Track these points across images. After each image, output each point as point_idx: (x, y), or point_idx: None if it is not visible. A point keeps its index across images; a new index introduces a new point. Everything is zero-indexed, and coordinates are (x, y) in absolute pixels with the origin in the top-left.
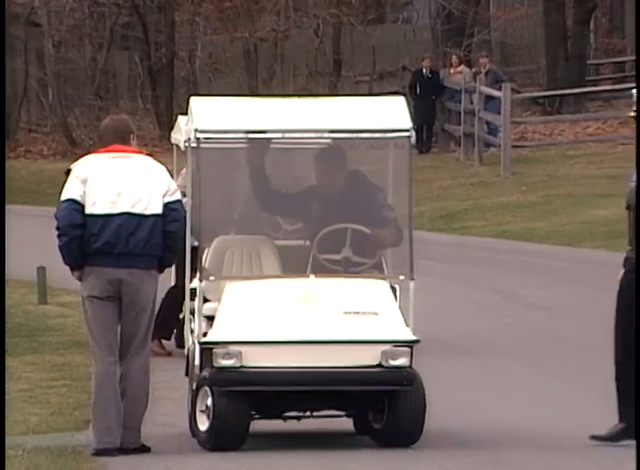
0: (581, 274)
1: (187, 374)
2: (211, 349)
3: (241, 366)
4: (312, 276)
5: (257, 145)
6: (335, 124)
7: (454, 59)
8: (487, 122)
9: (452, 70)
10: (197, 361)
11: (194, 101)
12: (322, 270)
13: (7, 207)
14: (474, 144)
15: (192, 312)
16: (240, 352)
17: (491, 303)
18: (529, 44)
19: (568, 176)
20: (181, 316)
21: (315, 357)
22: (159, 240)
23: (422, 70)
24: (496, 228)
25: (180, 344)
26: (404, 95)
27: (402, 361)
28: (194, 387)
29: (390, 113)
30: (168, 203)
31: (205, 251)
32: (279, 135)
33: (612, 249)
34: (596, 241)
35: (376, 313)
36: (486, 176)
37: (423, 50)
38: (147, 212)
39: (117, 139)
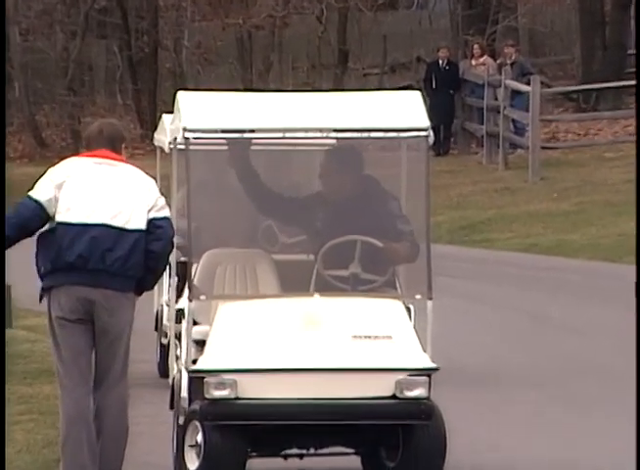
0: (620, 294)
1: (172, 407)
2: (202, 378)
3: (236, 398)
4: (317, 295)
5: (245, 144)
6: (342, 123)
7: (476, 48)
8: (514, 121)
9: (473, 62)
10: (184, 392)
11: (181, 96)
12: (327, 288)
13: None
14: (498, 145)
15: (178, 337)
16: (235, 382)
17: (517, 326)
18: (562, 32)
19: (605, 182)
20: (164, 341)
21: (320, 388)
22: (139, 259)
23: (438, 61)
24: (523, 241)
25: (164, 372)
26: (419, 90)
27: (419, 392)
28: (181, 421)
29: (405, 110)
30: (154, 219)
31: (194, 266)
32: (279, 135)
33: None
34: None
35: (389, 337)
36: (512, 182)
37: (440, 39)
38: (128, 227)
39: (107, 146)
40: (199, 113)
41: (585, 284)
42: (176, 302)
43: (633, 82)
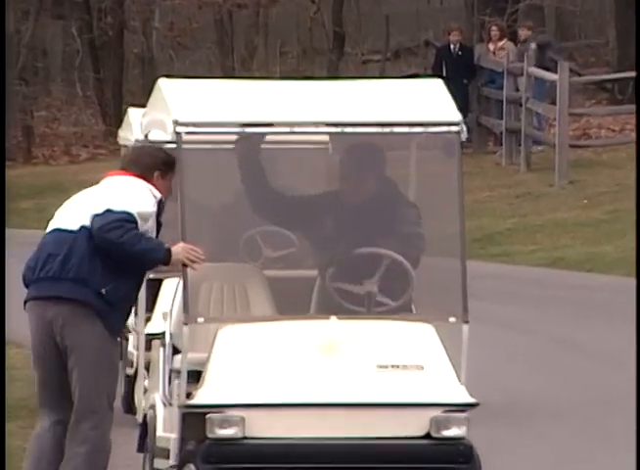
0: None
1: (140, 450)
2: (202, 414)
3: (243, 437)
4: (333, 318)
5: (253, 141)
6: (360, 116)
7: (494, 31)
8: (537, 115)
9: (491, 46)
10: (161, 431)
11: (165, 84)
12: (333, 308)
13: None
14: (519, 143)
15: (146, 366)
16: (242, 419)
17: (544, 353)
18: (594, 11)
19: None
20: (130, 372)
21: (342, 426)
22: (84, 259)
23: (450, 45)
24: (549, 254)
25: (129, 408)
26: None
27: (457, 431)
28: (161, 465)
29: (430, 100)
30: (96, 214)
31: (176, 284)
32: (286, 130)
33: None
34: None
35: (421, 368)
36: (536, 186)
37: (452, 20)
38: (74, 227)
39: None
40: (191, 103)
41: (619, 304)
42: (145, 325)
43: None
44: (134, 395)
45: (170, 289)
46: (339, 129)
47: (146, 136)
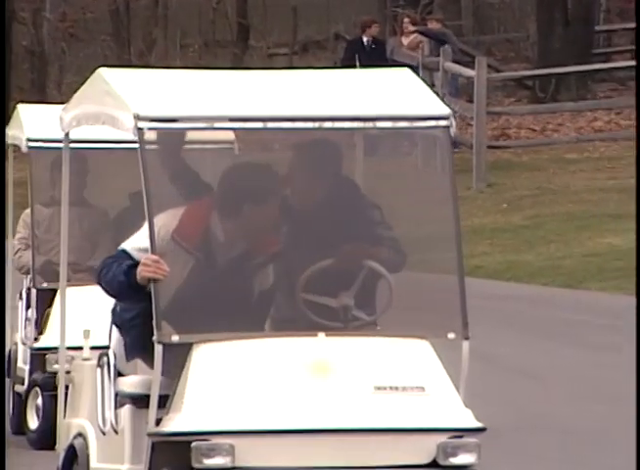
0: (584, 329)
1: None
2: (185, 443)
3: (233, 467)
4: (321, 334)
5: (181, 136)
6: (340, 110)
7: (406, 23)
8: (455, 112)
9: (404, 39)
10: (95, 462)
11: (111, 75)
12: (298, 322)
13: None
14: (435, 143)
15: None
16: (232, 447)
17: (460, 368)
18: (514, 4)
19: (567, 189)
20: (20, 389)
21: (341, 454)
22: None
23: (362, 38)
24: (466, 262)
25: (17, 429)
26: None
27: (467, 458)
28: None
29: (411, 92)
30: None
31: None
32: (259, 126)
33: (628, 291)
34: (606, 280)
35: (422, 389)
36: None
37: (364, 12)
38: None
39: None
40: (151, 96)
41: (541, 316)
42: (36, 339)
43: (602, 66)
44: (25, 414)
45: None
46: (316, 124)
47: (67, 134)
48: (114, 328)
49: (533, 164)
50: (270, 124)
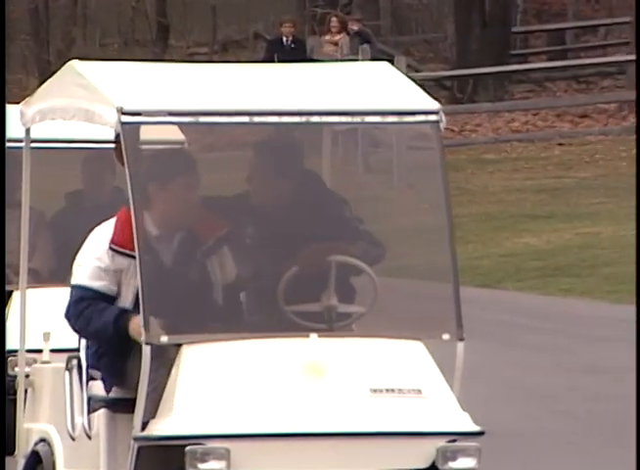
0: (503, 327)
1: None
2: (178, 447)
3: None
4: (313, 335)
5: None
6: (327, 104)
7: (334, 22)
8: None
9: (328, 37)
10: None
11: (86, 67)
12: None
13: None
14: (356, 142)
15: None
16: (228, 452)
17: None
18: (432, 4)
19: (485, 189)
20: None
21: (339, 458)
22: None
23: (282, 38)
24: (386, 264)
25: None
26: None
27: (468, 462)
28: None
29: (396, 86)
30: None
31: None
32: (245, 120)
33: (546, 291)
34: (523, 280)
35: (418, 392)
36: (374, 188)
37: (282, 11)
38: None
39: None
40: (133, 89)
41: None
42: None
43: (519, 67)
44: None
45: (34, 301)
46: (304, 119)
47: (28, 131)
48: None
49: (452, 164)
50: (257, 119)
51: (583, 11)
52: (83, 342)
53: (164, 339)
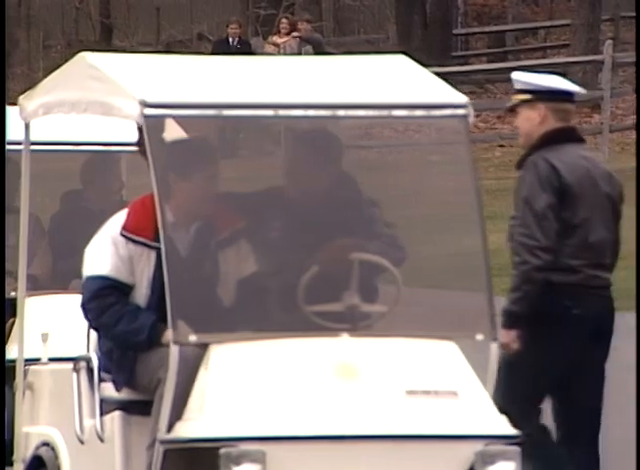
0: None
1: None
2: (210, 449)
3: None
4: (345, 335)
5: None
6: (354, 98)
7: (284, 24)
8: None
9: (277, 39)
10: None
11: (98, 59)
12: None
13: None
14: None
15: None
16: (264, 454)
17: None
18: (374, 5)
19: (429, 190)
20: None
21: (376, 461)
22: None
23: (228, 38)
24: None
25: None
26: None
27: (508, 467)
28: None
29: (420, 80)
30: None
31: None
32: (270, 113)
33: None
34: (469, 281)
35: (454, 394)
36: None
37: (227, 12)
38: None
39: None
40: (151, 83)
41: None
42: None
43: (460, 68)
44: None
45: (35, 309)
46: (330, 112)
47: (27, 126)
48: (93, 331)
49: (396, 164)
50: (282, 112)
51: (523, 13)
52: (93, 342)
53: (193, 338)
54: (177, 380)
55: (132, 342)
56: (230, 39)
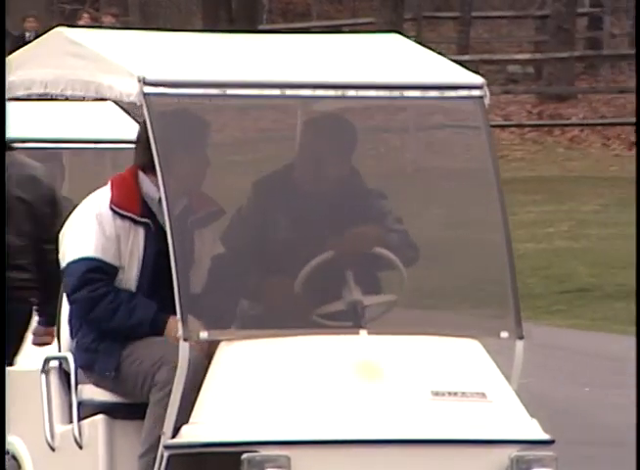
0: None
1: None
2: (230, 454)
3: None
4: (363, 332)
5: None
6: (363, 77)
7: (85, 18)
8: None
9: None
10: None
11: (72, 33)
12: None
13: None
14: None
15: None
16: (288, 459)
17: None
18: (180, 0)
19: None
20: None
21: (402, 467)
22: None
23: (25, 34)
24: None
25: None
26: None
27: None
28: None
29: (430, 59)
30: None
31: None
32: (276, 92)
33: None
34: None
35: (483, 395)
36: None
37: (31, 7)
38: None
39: None
40: (147, 59)
41: None
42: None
43: None
44: None
45: None
46: (339, 92)
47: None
48: (63, 327)
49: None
50: (289, 92)
51: (327, 11)
52: (66, 342)
53: (204, 335)
54: (185, 380)
55: (134, 328)
56: (27, 34)
